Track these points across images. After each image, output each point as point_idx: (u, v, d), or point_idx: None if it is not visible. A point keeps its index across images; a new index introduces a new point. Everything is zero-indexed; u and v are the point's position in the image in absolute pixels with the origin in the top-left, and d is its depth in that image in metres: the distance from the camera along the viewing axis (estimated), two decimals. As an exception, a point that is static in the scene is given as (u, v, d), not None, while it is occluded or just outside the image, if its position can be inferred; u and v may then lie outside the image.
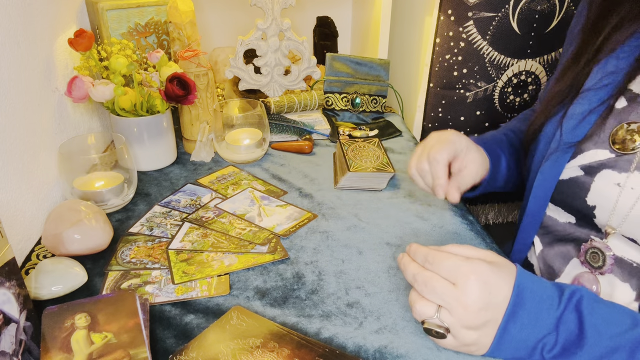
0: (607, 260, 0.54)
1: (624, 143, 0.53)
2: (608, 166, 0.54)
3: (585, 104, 0.57)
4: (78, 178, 0.73)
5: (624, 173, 0.52)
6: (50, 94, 0.76)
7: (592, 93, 0.57)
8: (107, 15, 0.94)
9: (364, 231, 0.70)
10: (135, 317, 0.48)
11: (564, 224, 0.61)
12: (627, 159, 0.52)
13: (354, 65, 1.07)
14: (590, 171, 0.55)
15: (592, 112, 0.56)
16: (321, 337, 0.51)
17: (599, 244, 0.55)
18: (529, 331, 0.45)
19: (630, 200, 0.52)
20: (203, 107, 0.90)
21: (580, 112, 0.57)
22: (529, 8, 0.90)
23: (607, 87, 0.56)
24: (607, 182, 0.54)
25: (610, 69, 0.56)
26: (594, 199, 0.55)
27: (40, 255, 0.64)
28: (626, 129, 0.53)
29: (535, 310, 0.45)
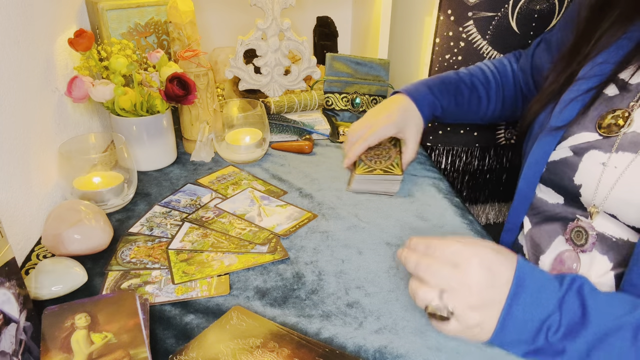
0: (589, 239, 0.57)
1: (609, 128, 0.56)
2: (595, 147, 0.56)
3: (573, 92, 0.61)
4: (78, 178, 0.73)
5: (608, 153, 0.55)
6: (50, 94, 0.76)
7: (582, 82, 0.60)
8: (107, 15, 0.94)
9: (364, 231, 0.70)
10: (135, 317, 0.48)
11: (553, 204, 0.63)
12: (612, 140, 0.55)
13: (354, 65, 1.07)
14: (579, 151, 0.58)
15: (577, 99, 0.60)
16: (321, 337, 0.51)
17: (584, 223, 0.57)
18: (533, 311, 0.45)
19: (612, 178, 0.54)
20: (203, 107, 0.90)
21: (567, 98, 0.61)
22: (528, 8, 0.90)
23: (596, 77, 0.59)
24: (592, 162, 0.56)
25: (600, 60, 0.60)
26: (581, 178, 0.57)
27: (40, 255, 0.64)
28: (612, 116, 0.56)
29: (537, 292, 0.46)
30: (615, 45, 0.59)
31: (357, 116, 1.08)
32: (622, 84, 0.57)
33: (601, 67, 0.59)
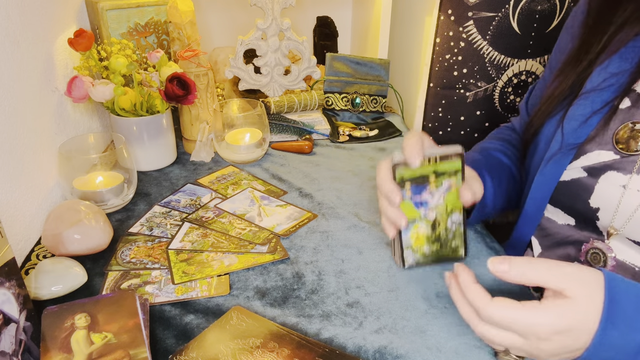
0: (608, 261, 0.53)
1: (628, 143, 0.52)
2: (612, 168, 0.53)
3: (588, 106, 0.56)
4: (78, 178, 0.73)
5: (629, 174, 0.51)
6: (50, 94, 0.76)
7: (595, 94, 0.56)
8: (107, 15, 0.94)
9: (364, 231, 0.70)
10: (135, 317, 0.48)
11: (563, 225, 0.60)
12: (632, 159, 0.52)
13: (354, 65, 1.07)
14: (594, 172, 0.54)
15: (596, 113, 0.55)
16: (321, 337, 0.51)
17: (601, 244, 0.54)
18: (628, 335, 0.40)
19: (635, 201, 0.51)
20: (203, 107, 0.90)
21: (583, 113, 0.56)
22: (529, 8, 0.90)
23: (611, 88, 0.55)
24: (611, 184, 0.53)
25: (614, 70, 0.55)
26: (598, 201, 0.54)
27: (40, 255, 0.64)
28: (631, 129, 0.52)
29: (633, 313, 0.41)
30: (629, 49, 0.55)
31: (357, 116, 1.08)
32: (636, 97, 0.54)
33: (616, 78, 0.55)
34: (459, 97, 0.98)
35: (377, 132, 1.03)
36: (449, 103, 0.99)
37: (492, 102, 0.99)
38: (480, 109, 1.00)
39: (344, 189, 0.81)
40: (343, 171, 0.87)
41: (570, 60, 0.61)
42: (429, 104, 1.01)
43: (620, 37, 0.55)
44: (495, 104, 1.00)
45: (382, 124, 1.07)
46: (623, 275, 0.52)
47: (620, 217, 0.52)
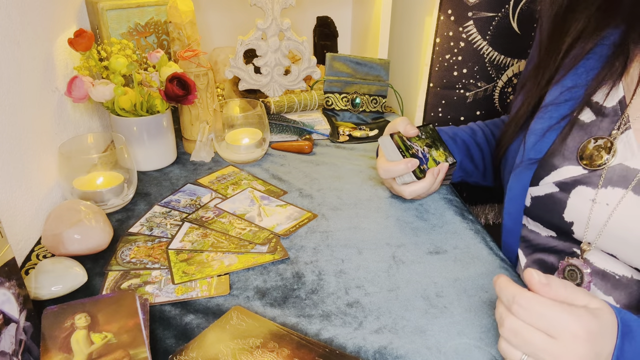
0: (584, 277, 0.54)
1: (591, 159, 0.53)
2: (582, 182, 0.53)
3: (545, 120, 0.57)
4: (78, 178, 0.73)
5: (596, 189, 0.52)
6: (50, 94, 0.76)
7: (553, 108, 0.56)
8: (107, 15, 0.94)
9: (364, 231, 0.70)
10: (135, 317, 0.48)
11: (546, 237, 0.61)
12: (598, 173, 0.52)
13: (354, 65, 1.07)
14: (565, 187, 0.55)
15: (552, 128, 0.56)
16: (321, 337, 0.51)
17: (576, 261, 0.55)
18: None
19: (603, 215, 0.51)
20: (203, 107, 0.90)
21: (541, 128, 0.57)
22: (529, 8, 0.90)
23: (568, 102, 0.55)
24: (582, 199, 0.53)
25: (569, 84, 0.56)
26: (571, 215, 0.55)
27: (40, 255, 0.64)
28: (593, 145, 0.53)
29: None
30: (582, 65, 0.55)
31: (357, 116, 1.08)
32: (597, 108, 0.54)
33: (572, 92, 0.55)
34: (458, 97, 0.98)
35: (377, 132, 1.03)
36: (449, 103, 0.99)
37: (492, 102, 0.99)
38: (480, 109, 1.00)
39: (344, 189, 0.81)
40: (343, 171, 0.87)
41: (530, 77, 0.62)
42: (429, 104, 1.01)
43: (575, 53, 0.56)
44: (495, 104, 1.00)
45: (382, 124, 1.08)
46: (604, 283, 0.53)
47: (592, 230, 0.53)
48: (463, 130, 0.81)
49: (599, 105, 0.54)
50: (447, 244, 0.67)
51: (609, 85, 0.53)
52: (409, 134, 0.71)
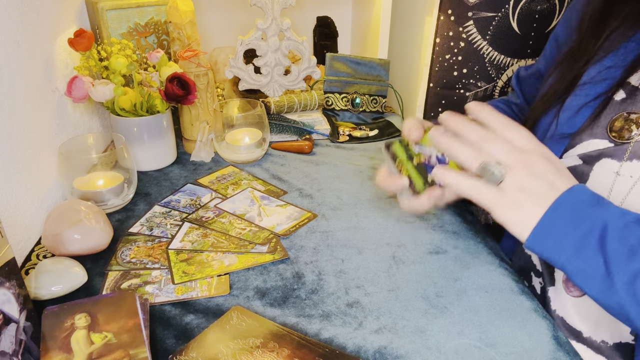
0: None
1: (620, 132, 0.54)
2: (606, 155, 0.55)
3: (582, 97, 0.58)
4: (78, 178, 0.73)
5: (621, 162, 0.53)
6: (50, 94, 0.76)
7: (590, 87, 0.58)
8: (107, 15, 0.94)
9: (364, 231, 0.70)
10: (135, 317, 0.48)
11: None
12: (624, 147, 0.53)
13: (354, 65, 1.07)
14: (589, 160, 0.56)
15: (588, 105, 0.57)
16: (321, 337, 0.51)
17: None
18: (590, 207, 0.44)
19: (626, 187, 0.52)
20: (203, 107, 0.90)
21: (577, 104, 0.58)
22: (529, 8, 0.90)
23: (605, 81, 0.57)
24: (606, 171, 0.54)
25: (608, 64, 0.57)
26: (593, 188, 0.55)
27: (40, 255, 0.64)
28: (625, 118, 0.54)
29: (595, 197, 0.45)
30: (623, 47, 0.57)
31: (357, 116, 1.08)
32: (631, 89, 0.55)
33: (610, 71, 0.57)
34: (458, 97, 0.98)
35: (377, 132, 1.03)
36: (449, 103, 0.99)
37: (492, 102, 0.99)
38: (480, 109, 1.00)
39: (344, 189, 0.81)
40: (343, 171, 0.87)
41: (567, 57, 0.63)
42: (429, 104, 1.01)
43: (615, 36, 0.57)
44: (495, 104, 1.00)
45: (382, 124, 1.07)
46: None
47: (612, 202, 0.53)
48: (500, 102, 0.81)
49: (633, 87, 0.55)
50: (447, 244, 0.67)
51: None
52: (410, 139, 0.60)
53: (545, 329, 0.52)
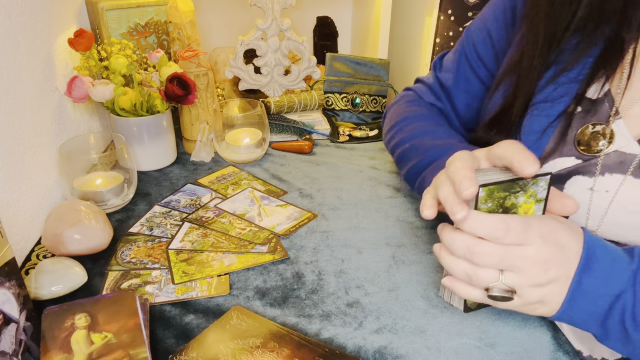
0: None
1: (589, 144, 0.53)
2: (577, 172, 0.54)
3: (543, 118, 0.56)
4: (78, 178, 0.73)
5: (593, 177, 0.52)
6: (50, 94, 0.76)
7: (549, 106, 0.56)
8: (107, 15, 0.94)
9: (364, 231, 0.70)
10: (135, 317, 0.48)
11: None
12: (594, 162, 0.53)
13: (354, 65, 1.07)
14: (559, 179, 0.55)
15: (551, 125, 0.56)
16: (321, 337, 0.51)
17: None
18: (604, 283, 0.42)
19: (604, 202, 0.52)
20: (203, 107, 0.90)
21: (540, 126, 0.56)
22: (529, 8, 0.90)
23: (563, 98, 0.55)
24: (579, 188, 0.53)
25: (563, 81, 0.55)
26: None
27: (40, 255, 0.64)
28: (591, 131, 0.53)
29: (610, 263, 0.43)
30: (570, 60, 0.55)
31: (357, 116, 1.08)
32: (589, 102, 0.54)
33: (566, 88, 0.55)
34: (459, 97, 0.98)
35: (377, 132, 1.03)
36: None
37: (492, 102, 0.99)
38: (480, 109, 1.00)
39: (344, 189, 0.81)
40: (343, 171, 0.87)
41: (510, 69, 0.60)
42: (429, 104, 1.01)
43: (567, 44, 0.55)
44: (495, 104, 1.00)
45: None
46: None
47: (593, 219, 0.53)
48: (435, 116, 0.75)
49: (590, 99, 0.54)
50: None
51: (602, 79, 0.53)
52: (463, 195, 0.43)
53: (545, 329, 0.52)
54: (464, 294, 0.46)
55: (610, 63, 0.53)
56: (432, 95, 0.77)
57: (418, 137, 0.69)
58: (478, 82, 0.70)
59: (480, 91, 0.70)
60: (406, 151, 0.70)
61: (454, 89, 0.73)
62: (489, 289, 0.44)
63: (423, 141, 0.68)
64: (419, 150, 0.67)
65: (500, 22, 0.65)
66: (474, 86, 0.71)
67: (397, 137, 0.74)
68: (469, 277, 0.44)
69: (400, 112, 0.76)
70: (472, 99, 0.71)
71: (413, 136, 0.70)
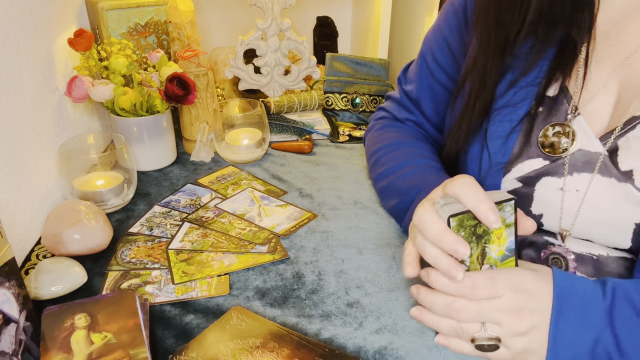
0: (569, 264, 0.54)
1: (552, 147, 0.53)
2: (546, 174, 0.54)
3: (506, 123, 0.56)
4: (78, 178, 0.73)
5: (562, 177, 0.53)
6: (50, 94, 0.76)
7: (511, 109, 0.56)
8: (107, 15, 0.94)
9: (364, 231, 0.70)
10: (135, 317, 0.48)
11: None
12: (561, 162, 0.53)
13: (353, 65, 1.07)
14: (529, 182, 0.55)
15: (514, 130, 0.56)
16: (321, 337, 0.51)
17: (559, 249, 0.55)
18: (580, 328, 0.44)
19: (576, 201, 0.52)
20: (203, 107, 0.90)
21: (504, 131, 0.57)
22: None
23: (525, 101, 0.55)
24: (550, 189, 0.54)
25: (522, 84, 0.56)
26: (539, 208, 0.55)
27: (40, 255, 0.64)
28: (552, 133, 0.54)
29: (580, 307, 0.44)
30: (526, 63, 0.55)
31: (357, 116, 1.08)
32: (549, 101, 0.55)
33: (526, 91, 0.55)
34: (458, 97, 0.98)
35: (377, 132, 1.03)
36: (449, 103, 0.99)
37: (492, 102, 0.99)
38: (480, 109, 1.00)
39: (344, 189, 0.81)
40: (343, 171, 0.87)
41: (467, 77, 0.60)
42: (429, 104, 1.01)
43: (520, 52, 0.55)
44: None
45: (382, 124, 1.07)
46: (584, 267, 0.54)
47: (567, 218, 0.53)
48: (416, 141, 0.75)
49: (550, 97, 0.55)
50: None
51: (559, 79, 0.54)
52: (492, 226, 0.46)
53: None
54: (457, 349, 0.48)
55: (565, 64, 0.54)
56: (403, 110, 0.78)
57: (390, 174, 0.71)
58: (441, 89, 0.71)
59: (445, 97, 0.71)
60: (384, 189, 0.73)
61: (420, 98, 0.74)
62: (474, 340, 0.46)
63: (396, 181, 0.69)
64: (395, 191, 0.69)
65: (454, 27, 0.66)
66: (438, 94, 0.72)
67: (374, 171, 0.76)
68: (457, 331, 0.47)
69: (375, 141, 0.78)
70: (439, 105, 0.73)
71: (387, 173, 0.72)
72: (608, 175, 0.50)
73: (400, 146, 0.73)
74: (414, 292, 0.50)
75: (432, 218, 0.46)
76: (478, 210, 0.44)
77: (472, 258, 0.47)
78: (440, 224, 0.45)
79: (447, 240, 0.44)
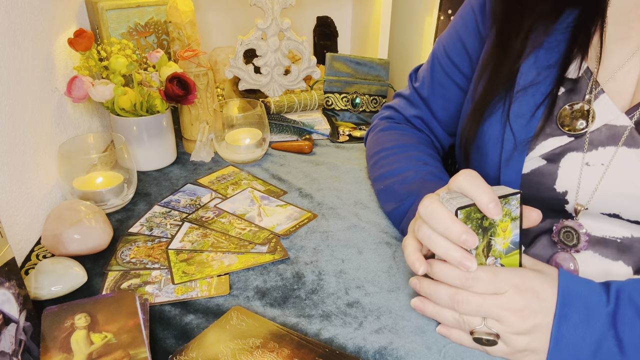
0: (581, 237, 0.54)
1: (572, 124, 0.54)
2: (571, 149, 0.54)
3: (530, 101, 0.58)
4: (78, 178, 0.73)
5: (586, 152, 0.53)
6: (50, 94, 0.76)
7: (534, 89, 0.57)
8: (107, 15, 0.94)
9: (364, 231, 0.70)
10: (135, 317, 0.48)
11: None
12: (582, 140, 0.54)
13: (353, 65, 1.07)
14: (554, 158, 0.55)
15: (540, 106, 0.57)
16: (321, 337, 0.51)
17: (571, 222, 0.55)
18: (583, 331, 0.43)
19: (597, 175, 0.53)
20: (203, 107, 0.90)
21: (529, 109, 0.57)
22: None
23: (547, 80, 0.57)
24: (574, 164, 0.54)
25: (544, 63, 0.57)
26: (564, 185, 0.55)
27: (40, 255, 0.64)
28: (570, 111, 0.55)
29: (584, 310, 0.44)
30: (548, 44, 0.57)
31: (357, 116, 1.08)
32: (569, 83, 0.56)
33: (549, 70, 0.57)
34: (459, 97, 0.98)
35: (377, 132, 1.03)
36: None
37: (492, 102, 0.99)
38: (480, 109, 1.00)
39: (344, 189, 0.81)
40: (343, 171, 0.87)
41: (489, 61, 0.62)
42: (429, 104, 1.01)
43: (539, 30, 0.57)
44: (495, 104, 1.00)
45: (382, 124, 1.07)
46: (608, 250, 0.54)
47: (584, 192, 0.54)
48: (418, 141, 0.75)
49: (570, 79, 0.56)
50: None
51: (578, 59, 0.55)
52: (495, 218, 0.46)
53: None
54: (457, 340, 0.49)
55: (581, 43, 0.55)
56: (412, 107, 0.78)
57: (390, 177, 0.71)
58: (454, 86, 0.71)
59: (457, 94, 0.72)
60: (382, 191, 0.73)
61: (430, 96, 0.75)
62: (473, 332, 0.47)
63: (395, 185, 0.69)
64: (393, 195, 0.69)
65: (470, 24, 0.67)
66: (449, 91, 0.72)
67: (375, 171, 0.76)
68: (459, 323, 0.48)
69: (378, 141, 0.78)
70: (449, 103, 0.73)
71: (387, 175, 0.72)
72: (635, 146, 0.51)
73: (403, 149, 0.73)
74: (415, 284, 0.51)
75: (439, 208, 0.46)
76: (480, 201, 0.44)
77: (477, 250, 0.47)
78: (448, 214, 0.45)
79: (456, 231, 0.44)
